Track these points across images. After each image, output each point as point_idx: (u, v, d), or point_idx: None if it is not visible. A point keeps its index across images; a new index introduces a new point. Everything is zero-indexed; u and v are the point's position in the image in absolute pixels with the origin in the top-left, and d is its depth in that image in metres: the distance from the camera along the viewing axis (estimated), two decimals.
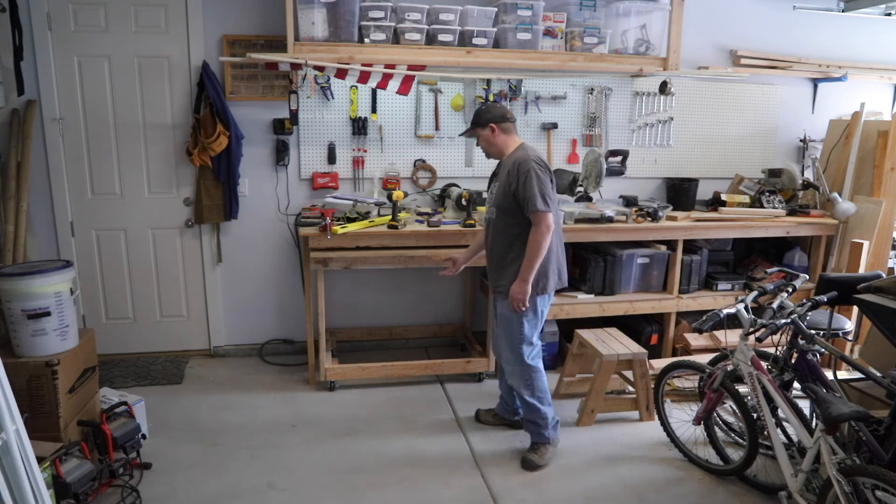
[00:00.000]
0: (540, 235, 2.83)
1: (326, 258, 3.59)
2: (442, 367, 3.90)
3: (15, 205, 3.59)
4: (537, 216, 2.81)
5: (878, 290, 2.75)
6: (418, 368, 3.89)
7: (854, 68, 4.72)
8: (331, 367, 3.76)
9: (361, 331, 4.40)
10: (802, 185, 4.48)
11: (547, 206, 2.82)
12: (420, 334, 4.49)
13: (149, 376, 3.95)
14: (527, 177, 2.82)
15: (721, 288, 4.28)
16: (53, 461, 2.46)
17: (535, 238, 2.84)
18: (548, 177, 2.88)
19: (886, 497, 2.13)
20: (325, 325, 3.79)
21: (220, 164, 3.90)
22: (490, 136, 2.99)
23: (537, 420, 3.09)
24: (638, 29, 4.14)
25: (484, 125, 2.98)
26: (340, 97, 4.07)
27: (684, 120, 4.62)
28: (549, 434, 3.11)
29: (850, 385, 2.96)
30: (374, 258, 3.64)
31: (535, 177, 2.81)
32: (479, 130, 3.00)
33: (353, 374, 3.82)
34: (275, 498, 2.79)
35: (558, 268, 3.05)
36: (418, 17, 3.77)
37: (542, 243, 2.83)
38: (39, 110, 3.78)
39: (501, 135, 2.99)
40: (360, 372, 3.81)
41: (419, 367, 3.89)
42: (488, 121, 2.97)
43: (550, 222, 2.83)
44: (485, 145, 3.05)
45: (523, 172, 2.82)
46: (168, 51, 3.86)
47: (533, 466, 3.05)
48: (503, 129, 2.99)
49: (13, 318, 2.65)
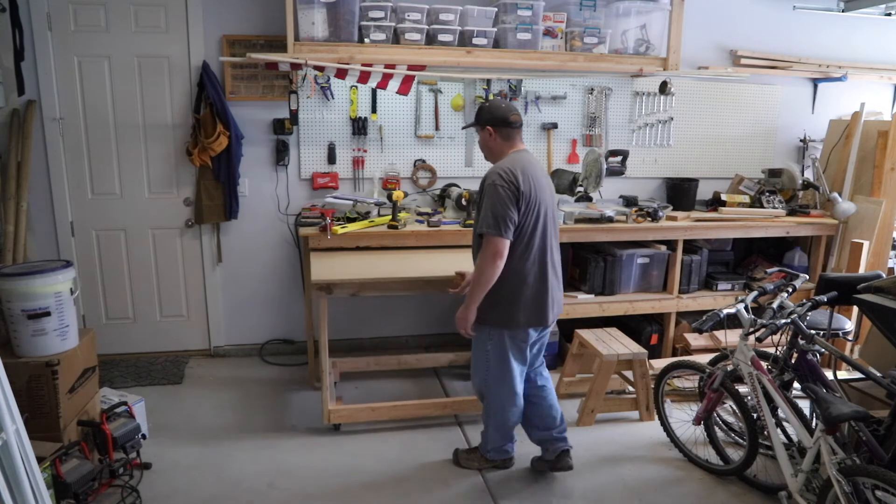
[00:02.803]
0: (482, 261, 2.54)
1: (330, 284, 3.11)
2: (461, 405, 3.45)
3: (15, 205, 3.59)
4: (485, 239, 2.53)
5: (878, 290, 2.75)
6: (434, 408, 3.41)
7: (854, 68, 4.72)
8: (335, 408, 3.28)
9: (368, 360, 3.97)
10: (802, 185, 4.48)
11: (495, 230, 2.49)
12: (432, 363, 4.07)
13: (149, 376, 3.95)
14: (486, 191, 2.55)
15: (721, 288, 4.28)
16: (53, 461, 2.46)
17: (480, 263, 2.56)
18: (511, 195, 2.51)
19: (886, 497, 2.13)
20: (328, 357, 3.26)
21: (220, 164, 3.90)
22: (486, 138, 2.71)
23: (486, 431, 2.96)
24: (638, 29, 4.13)
25: (482, 124, 2.70)
26: (340, 97, 4.07)
27: (684, 120, 4.62)
28: (488, 451, 2.99)
29: (850, 385, 2.96)
30: (384, 283, 3.19)
31: (492, 194, 2.52)
32: (479, 129, 2.75)
33: (360, 415, 3.34)
34: (275, 498, 2.79)
35: (538, 302, 2.67)
36: (418, 17, 3.77)
37: (485, 270, 2.52)
38: (39, 110, 3.78)
39: (499, 139, 2.68)
40: (368, 413, 3.35)
41: (435, 407, 3.42)
42: (486, 122, 2.68)
43: (498, 248, 2.50)
44: (481, 145, 2.79)
45: (486, 186, 2.57)
46: (168, 51, 3.86)
47: (455, 460, 3.07)
48: (501, 135, 2.67)
49: (13, 318, 2.65)
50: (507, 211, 2.50)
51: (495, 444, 2.97)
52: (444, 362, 4.07)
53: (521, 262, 2.61)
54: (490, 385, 2.82)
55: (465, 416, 3.50)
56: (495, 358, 2.74)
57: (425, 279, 3.21)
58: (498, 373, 2.78)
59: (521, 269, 2.61)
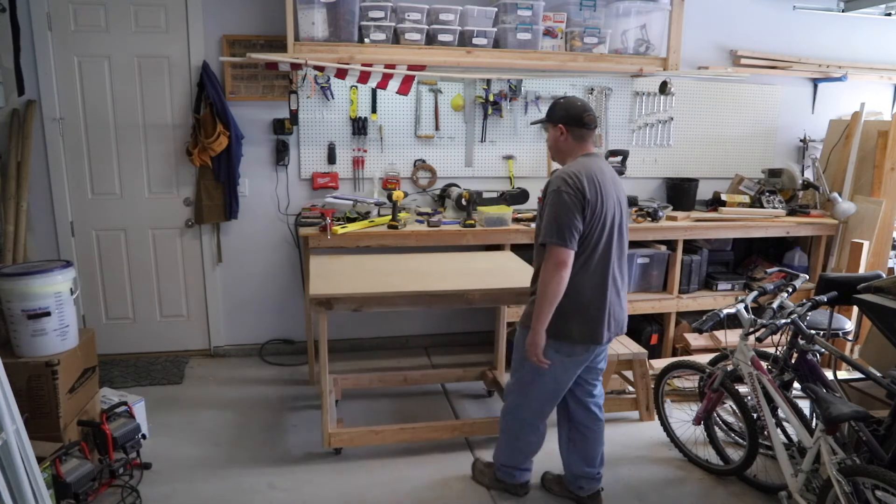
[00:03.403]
0: (546, 273, 2.33)
1: (330, 299, 2.82)
2: (473, 427, 3.23)
3: (15, 205, 3.59)
4: (548, 249, 2.34)
5: (878, 290, 2.75)
6: (443, 430, 3.18)
7: (854, 68, 4.71)
8: (336, 431, 3.05)
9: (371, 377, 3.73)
10: (802, 185, 4.48)
11: (559, 239, 2.31)
12: (437, 379, 3.85)
13: (149, 376, 3.95)
14: (550, 197, 2.36)
15: (721, 288, 4.28)
16: (53, 461, 2.46)
17: (542, 276, 2.36)
18: (577, 202, 2.32)
19: (886, 497, 2.13)
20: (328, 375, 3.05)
21: (220, 164, 3.90)
22: (557, 137, 2.49)
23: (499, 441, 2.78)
24: (638, 29, 4.13)
25: (555, 122, 2.49)
26: (340, 97, 4.07)
27: (684, 120, 4.62)
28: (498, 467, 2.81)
29: (850, 385, 2.96)
30: (390, 298, 2.89)
31: (555, 201, 2.33)
32: (550, 126, 2.53)
33: (362, 439, 3.10)
34: (275, 498, 2.79)
35: (594, 316, 2.44)
36: (418, 17, 3.77)
37: (549, 282, 2.32)
38: (39, 110, 3.78)
39: (570, 139, 2.47)
40: (370, 437, 3.11)
41: (444, 430, 3.18)
42: (559, 119, 2.47)
43: (562, 259, 2.31)
44: (550, 144, 2.57)
45: (550, 192, 2.37)
46: (168, 51, 3.86)
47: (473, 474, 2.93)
48: (574, 135, 2.46)
49: (13, 318, 2.65)
50: (572, 219, 2.31)
51: (505, 461, 2.77)
52: (451, 378, 3.85)
53: (579, 273, 2.39)
54: (516, 395, 2.64)
55: (476, 439, 3.26)
56: (532, 367, 2.50)
57: (433, 293, 2.95)
58: (529, 386, 2.57)
59: (580, 280, 2.39)
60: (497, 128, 4.31)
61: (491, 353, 4.02)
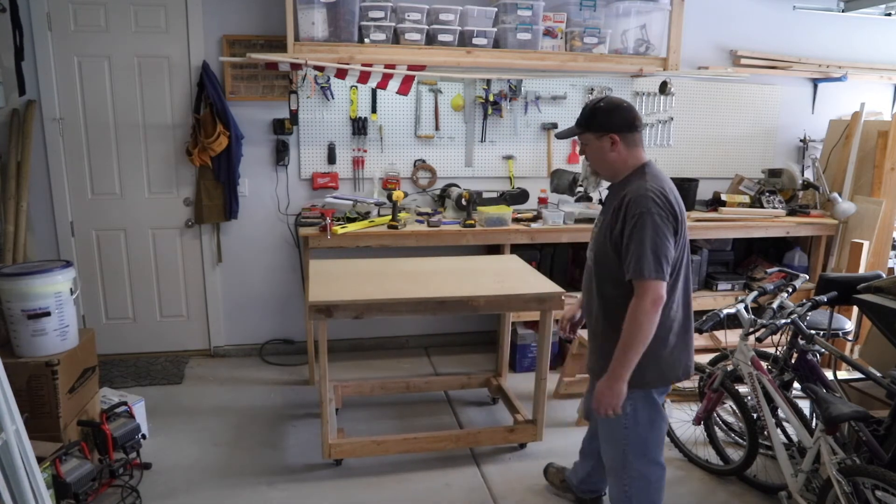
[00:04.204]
0: (642, 313, 1.95)
1: (330, 306, 2.72)
2: (478, 437, 3.13)
3: (15, 205, 3.59)
4: (642, 285, 1.96)
5: (878, 290, 2.75)
6: (448, 441, 3.09)
7: (854, 68, 4.72)
8: (336, 442, 2.96)
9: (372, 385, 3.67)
10: (802, 185, 4.48)
11: (659, 273, 1.94)
12: (441, 386, 3.77)
13: (149, 376, 3.95)
14: (638, 221, 1.96)
15: (721, 288, 4.28)
16: (53, 461, 2.46)
17: (635, 315, 1.97)
18: (670, 225, 1.99)
19: (886, 497, 2.13)
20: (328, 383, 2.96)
21: (220, 164, 3.90)
22: (605, 150, 2.10)
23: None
24: (638, 29, 4.13)
25: (599, 132, 2.09)
26: (340, 97, 4.07)
27: (684, 120, 4.62)
28: None
29: (850, 385, 2.96)
30: (392, 304, 2.79)
31: (651, 225, 1.95)
32: (591, 137, 2.12)
33: (364, 450, 3.01)
34: (275, 497, 2.79)
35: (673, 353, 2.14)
36: (418, 17, 3.77)
37: (645, 325, 1.96)
38: (39, 110, 3.78)
39: (623, 150, 2.09)
40: (372, 447, 3.02)
41: (448, 440, 3.09)
42: (608, 128, 2.08)
43: (659, 293, 1.96)
44: (593, 158, 2.16)
45: (634, 214, 1.97)
46: (168, 51, 3.86)
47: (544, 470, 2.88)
48: (627, 143, 2.09)
49: (13, 318, 2.65)
50: (668, 246, 1.97)
51: None
52: (455, 385, 3.76)
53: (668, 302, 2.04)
54: (631, 460, 2.23)
55: (480, 450, 3.17)
56: (644, 421, 2.17)
57: (436, 300, 2.82)
58: (644, 441, 2.21)
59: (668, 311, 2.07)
60: (497, 128, 4.31)
61: (492, 353, 4.01)
